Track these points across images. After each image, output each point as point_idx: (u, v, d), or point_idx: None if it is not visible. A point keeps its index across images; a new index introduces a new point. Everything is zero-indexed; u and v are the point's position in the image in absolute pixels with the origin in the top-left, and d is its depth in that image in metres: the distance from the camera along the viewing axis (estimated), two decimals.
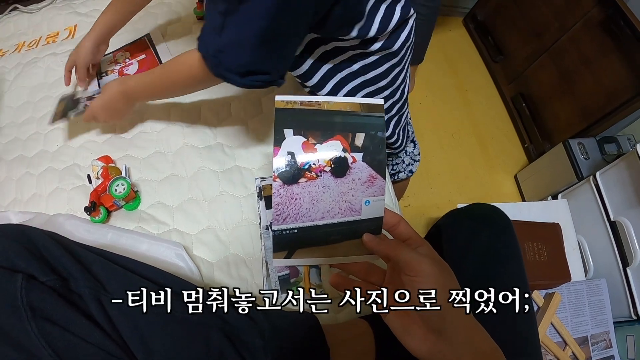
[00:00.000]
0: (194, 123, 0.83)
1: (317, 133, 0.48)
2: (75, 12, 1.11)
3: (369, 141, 0.49)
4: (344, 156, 0.49)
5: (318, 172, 0.49)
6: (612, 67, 1.37)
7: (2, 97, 0.95)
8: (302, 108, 0.48)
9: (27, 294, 0.44)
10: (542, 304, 1.16)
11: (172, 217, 0.74)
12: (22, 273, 0.46)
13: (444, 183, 1.52)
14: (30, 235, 0.50)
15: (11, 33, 1.13)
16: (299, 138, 0.48)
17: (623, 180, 1.20)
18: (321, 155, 0.48)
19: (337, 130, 0.49)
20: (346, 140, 0.49)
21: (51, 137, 0.86)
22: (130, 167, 0.79)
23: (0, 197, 0.81)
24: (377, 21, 0.64)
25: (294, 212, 0.49)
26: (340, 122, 0.49)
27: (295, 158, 0.48)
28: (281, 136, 0.47)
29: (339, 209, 0.50)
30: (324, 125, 0.49)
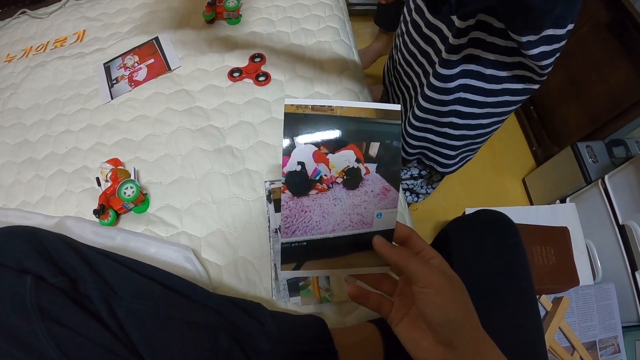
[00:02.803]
0: (204, 126, 0.83)
1: (329, 141, 0.46)
2: (84, 16, 1.11)
3: (384, 151, 0.47)
4: (357, 167, 0.47)
5: (329, 184, 0.47)
6: (620, 69, 1.36)
7: (9, 100, 0.95)
8: (313, 113, 0.45)
9: (36, 295, 0.45)
10: (550, 309, 1.15)
11: (180, 220, 0.73)
12: (32, 274, 0.46)
13: (451, 186, 1.51)
14: (40, 236, 0.51)
15: (19, 38, 1.13)
16: (310, 147, 0.45)
17: (632, 183, 1.19)
18: (333, 165, 0.46)
19: (351, 138, 0.46)
20: (360, 149, 0.47)
21: (60, 140, 0.86)
22: (139, 169, 0.79)
23: (9, 200, 0.80)
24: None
25: (303, 225, 0.48)
26: (354, 129, 0.46)
27: (305, 168, 0.46)
28: (291, 144, 0.45)
29: (350, 221, 0.48)
30: (337, 133, 0.46)
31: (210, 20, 1.00)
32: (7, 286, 0.45)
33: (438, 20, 0.77)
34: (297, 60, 0.94)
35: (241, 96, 0.87)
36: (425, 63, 0.85)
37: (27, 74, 1.00)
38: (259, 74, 0.89)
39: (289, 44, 0.97)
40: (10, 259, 0.47)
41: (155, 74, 0.92)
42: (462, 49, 0.73)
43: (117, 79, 0.93)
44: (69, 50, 1.04)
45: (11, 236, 0.49)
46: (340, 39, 0.98)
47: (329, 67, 0.92)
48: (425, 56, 0.84)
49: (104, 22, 1.09)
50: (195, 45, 0.97)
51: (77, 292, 0.48)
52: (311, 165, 0.45)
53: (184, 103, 0.87)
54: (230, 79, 0.90)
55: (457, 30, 0.70)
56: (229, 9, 0.97)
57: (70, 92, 0.94)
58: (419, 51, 0.86)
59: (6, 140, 0.88)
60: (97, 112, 0.89)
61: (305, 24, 1.01)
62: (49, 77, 0.98)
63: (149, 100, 0.88)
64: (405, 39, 0.88)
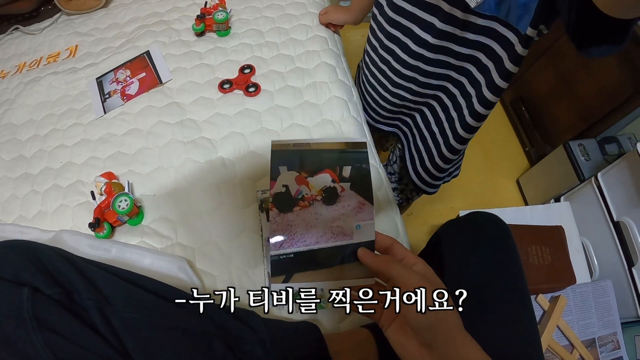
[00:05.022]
0: (195, 138, 0.84)
1: (308, 168, 0.55)
2: (76, 31, 1.12)
3: (355, 172, 0.55)
4: (334, 186, 0.55)
5: (311, 201, 0.54)
6: (610, 66, 1.36)
7: (4, 116, 0.96)
8: (294, 149, 0.56)
9: (33, 306, 0.46)
10: (547, 308, 1.16)
11: (175, 231, 0.74)
12: (28, 286, 0.47)
13: (445, 190, 1.52)
14: (36, 250, 0.52)
15: (12, 54, 1.14)
16: (293, 173, 0.54)
17: (625, 180, 1.19)
18: (312, 186, 0.54)
19: (326, 165, 0.55)
20: (334, 172, 0.55)
21: (55, 154, 0.87)
22: (133, 182, 0.80)
23: (5, 215, 0.81)
24: None
25: (289, 238, 0.53)
26: (328, 157, 0.55)
27: (289, 190, 0.54)
28: (276, 172, 0.54)
29: (331, 233, 0.54)
30: (314, 162, 0.55)
31: (200, 33, 1.01)
32: (4, 298, 0.46)
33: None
34: (287, 70, 0.94)
35: (232, 107, 0.88)
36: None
37: (21, 90, 1.01)
38: (249, 85, 0.90)
39: (278, 54, 0.97)
40: (8, 272, 0.48)
41: (147, 87, 0.93)
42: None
43: (110, 93, 0.94)
44: (62, 66, 1.05)
45: (8, 250, 0.51)
46: (329, 48, 0.99)
47: (318, 76, 0.93)
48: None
49: (95, 37, 1.09)
50: (185, 58, 0.97)
51: (73, 303, 0.49)
52: (294, 187, 0.54)
53: (176, 115, 0.87)
54: (221, 90, 0.90)
55: (527, 39, 0.64)
56: (218, 21, 0.98)
57: (64, 107, 0.95)
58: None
59: (1, 156, 0.89)
60: (91, 126, 0.89)
61: (293, 33, 1.01)
62: (43, 93, 0.99)
63: (141, 113, 0.89)
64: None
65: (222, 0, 1.04)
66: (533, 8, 0.58)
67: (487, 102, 0.75)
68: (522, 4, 0.60)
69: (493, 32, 0.67)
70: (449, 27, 0.70)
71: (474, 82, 0.76)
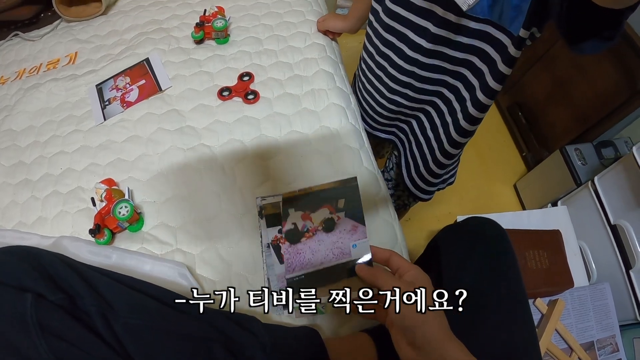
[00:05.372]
0: (195, 145, 0.85)
1: (310, 207, 0.69)
2: (76, 38, 1.12)
3: (348, 203, 0.68)
4: (331, 217, 0.67)
5: (314, 232, 0.67)
6: (605, 70, 1.38)
7: (4, 122, 0.96)
8: (299, 194, 0.70)
9: (37, 312, 0.47)
10: (545, 312, 1.16)
11: (175, 238, 0.75)
12: (31, 292, 0.48)
13: (443, 195, 1.52)
14: (38, 256, 0.53)
15: (12, 60, 1.14)
16: (299, 212, 0.69)
17: (621, 183, 1.20)
18: (315, 220, 0.68)
19: (324, 202, 0.69)
20: (332, 206, 0.68)
21: (55, 161, 0.87)
22: (133, 189, 0.80)
23: (5, 221, 0.81)
24: None
25: (299, 263, 0.66)
26: (326, 196, 0.69)
27: (297, 226, 0.68)
28: (287, 214, 0.69)
29: (333, 254, 0.66)
30: (315, 201, 0.69)
31: (199, 41, 1.02)
32: (8, 304, 0.47)
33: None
34: (285, 78, 0.95)
35: (231, 115, 0.88)
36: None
37: (21, 96, 1.01)
38: (248, 92, 0.90)
39: (276, 61, 0.98)
40: (10, 278, 0.49)
41: (146, 94, 0.93)
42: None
43: (110, 100, 0.94)
44: (61, 72, 1.05)
45: (11, 256, 0.52)
46: (327, 55, 0.99)
47: (317, 84, 0.93)
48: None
49: (95, 44, 1.10)
50: (185, 65, 0.98)
51: (76, 309, 0.50)
52: (300, 223, 0.68)
53: (175, 123, 0.88)
54: (220, 98, 0.91)
55: (519, 41, 0.65)
56: (217, 29, 0.99)
57: (64, 114, 0.95)
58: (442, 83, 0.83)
59: (1, 162, 0.89)
60: (91, 133, 0.90)
61: (292, 41, 1.02)
62: (43, 99, 0.99)
63: (141, 120, 0.89)
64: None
65: (221, 8, 1.05)
66: (525, 10, 0.59)
67: (481, 105, 0.76)
68: (515, 6, 0.61)
69: (486, 35, 0.68)
70: (443, 31, 0.71)
71: (469, 86, 0.77)
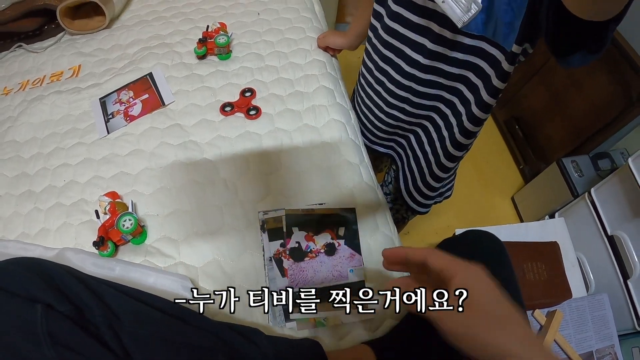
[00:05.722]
0: (197, 159, 0.86)
1: (313, 229, 0.76)
2: (79, 51, 1.13)
3: (347, 232, 0.76)
4: (332, 242, 0.75)
5: (317, 254, 0.74)
6: (600, 83, 1.40)
7: (7, 133, 0.97)
8: (303, 214, 0.77)
9: (47, 322, 0.48)
10: (544, 323, 1.17)
11: (178, 251, 0.75)
12: (41, 302, 0.49)
13: (441, 209, 1.53)
14: (46, 267, 0.54)
15: (15, 71, 1.15)
16: (303, 233, 0.75)
17: (617, 194, 1.22)
18: (317, 242, 0.75)
19: (326, 226, 0.76)
20: (333, 232, 0.76)
21: (58, 173, 0.88)
22: (136, 202, 0.81)
23: (8, 231, 0.82)
24: None
25: (302, 280, 0.72)
26: (327, 220, 0.76)
27: (301, 245, 0.75)
28: (290, 231, 0.75)
29: (332, 276, 0.73)
30: (318, 224, 0.76)
31: (202, 56, 1.03)
32: (18, 314, 0.48)
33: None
34: (286, 94, 0.96)
35: (233, 130, 0.89)
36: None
37: (24, 108, 1.02)
38: (250, 108, 0.91)
39: (278, 77, 0.99)
40: (20, 288, 0.50)
41: (149, 109, 0.94)
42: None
43: (113, 114, 0.95)
44: (65, 85, 1.06)
45: (19, 266, 0.53)
46: (327, 72, 1.01)
47: (317, 100, 0.95)
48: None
49: (99, 58, 1.11)
50: (187, 80, 0.99)
51: (84, 319, 0.51)
52: (304, 243, 0.74)
53: (178, 137, 0.89)
54: (222, 113, 0.92)
55: (512, 56, 0.67)
56: (220, 45, 1.00)
57: (67, 127, 0.96)
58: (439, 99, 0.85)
59: (4, 173, 0.89)
60: (94, 146, 0.91)
61: (293, 58, 1.03)
62: (46, 112, 1.00)
63: (144, 134, 0.90)
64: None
65: (223, 24, 1.07)
66: (517, 26, 0.61)
67: (476, 119, 0.78)
68: (508, 23, 0.63)
69: (481, 51, 0.70)
70: (440, 48, 0.73)
71: (465, 101, 0.79)
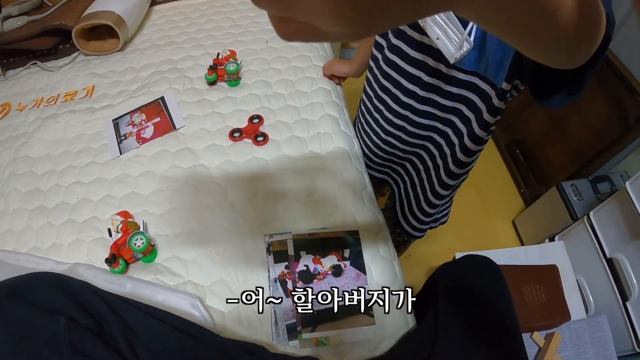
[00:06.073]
0: (206, 183, 0.88)
1: (320, 252, 0.79)
2: (93, 72, 1.17)
3: (352, 253, 0.79)
4: (339, 264, 0.78)
5: (324, 275, 0.77)
6: (599, 107, 1.41)
7: (21, 148, 0.99)
8: (309, 237, 0.80)
9: (69, 334, 0.51)
10: (542, 344, 1.18)
11: (186, 270, 0.78)
12: (64, 316, 0.52)
13: (442, 232, 1.54)
14: (68, 282, 0.58)
15: (30, 88, 1.18)
16: (310, 256, 0.78)
17: (616, 217, 1.23)
18: (324, 264, 0.78)
19: (332, 249, 0.79)
20: (339, 254, 0.79)
21: (71, 190, 0.90)
22: (147, 222, 0.83)
23: (20, 245, 0.84)
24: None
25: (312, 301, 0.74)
26: (333, 243, 0.80)
27: (309, 268, 0.77)
28: (298, 255, 0.78)
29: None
30: (324, 247, 0.79)
31: (212, 82, 1.06)
32: (42, 325, 0.51)
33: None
34: (293, 121, 0.99)
35: (241, 155, 0.92)
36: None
37: (38, 125, 1.04)
38: (258, 134, 0.94)
39: (285, 105, 1.02)
40: (45, 302, 0.53)
41: (161, 132, 0.97)
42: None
43: (126, 135, 0.98)
44: (79, 105, 1.09)
45: (42, 281, 0.56)
46: (332, 100, 1.03)
47: (322, 127, 0.97)
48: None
49: (112, 80, 1.14)
50: (198, 105, 1.02)
51: (103, 332, 0.55)
52: (312, 266, 0.77)
53: (189, 161, 0.91)
54: (231, 139, 0.94)
55: (502, 93, 0.69)
56: (230, 72, 1.03)
57: (81, 146, 0.98)
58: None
59: (18, 187, 0.92)
60: (107, 166, 0.93)
61: (299, 85, 1.06)
62: (60, 130, 1.02)
63: (155, 157, 0.93)
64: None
65: (233, 52, 1.10)
66: (507, 65, 0.64)
67: (468, 150, 0.81)
68: (498, 61, 0.66)
69: (473, 85, 0.74)
70: (435, 81, 0.77)
71: (458, 132, 0.82)
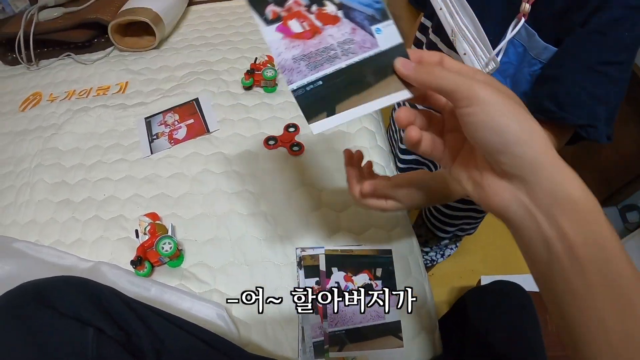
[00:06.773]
0: (239, 190, 0.87)
1: (352, 269, 0.77)
2: (127, 68, 1.17)
3: (384, 273, 0.77)
4: (370, 283, 0.76)
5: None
6: (630, 134, 1.39)
7: (50, 139, 1.00)
8: (341, 254, 0.78)
9: (97, 347, 0.50)
10: None
11: (213, 278, 0.77)
12: (93, 326, 0.51)
13: (466, 252, 1.52)
14: (93, 288, 0.56)
15: (63, 79, 1.19)
16: (342, 273, 0.76)
17: None
18: (356, 283, 0.76)
19: (364, 267, 0.77)
20: (370, 273, 0.77)
21: (99, 186, 0.90)
22: (175, 225, 0.83)
23: (43, 237, 0.84)
24: None
25: (341, 320, 0.72)
26: (365, 261, 0.77)
27: (340, 285, 0.75)
28: (330, 272, 0.76)
29: (370, 316, 0.72)
30: (356, 264, 0.77)
31: (248, 87, 1.06)
32: (69, 336, 0.50)
33: None
34: (330, 133, 0.97)
35: (275, 164, 0.91)
36: None
37: (69, 117, 1.05)
38: (293, 143, 0.93)
39: None
40: (70, 309, 0.52)
41: (194, 134, 0.97)
42: None
43: (158, 135, 0.98)
44: (111, 100, 1.09)
45: (70, 287, 0.55)
46: (369, 114, 1.02)
47: (359, 141, 0.95)
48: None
49: (146, 77, 1.14)
50: (233, 110, 1.01)
51: (131, 345, 0.54)
52: (343, 284, 0.75)
53: (221, 165, 0.91)
54: (266, 146, 0.93)
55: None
56: (267, 78, 1.02)
57: (111, 141, 0.98)
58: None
59: (45, 179, 0.92)
60: (137, 164, 0.93)
61: None
62: (91, 124, 1.03)
63: (187, 159, 0.92)
64: None
65: (271, 58, 1.09)
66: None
67: None
68: (522, 92, 0.69)
69: None
70: None
71: None
